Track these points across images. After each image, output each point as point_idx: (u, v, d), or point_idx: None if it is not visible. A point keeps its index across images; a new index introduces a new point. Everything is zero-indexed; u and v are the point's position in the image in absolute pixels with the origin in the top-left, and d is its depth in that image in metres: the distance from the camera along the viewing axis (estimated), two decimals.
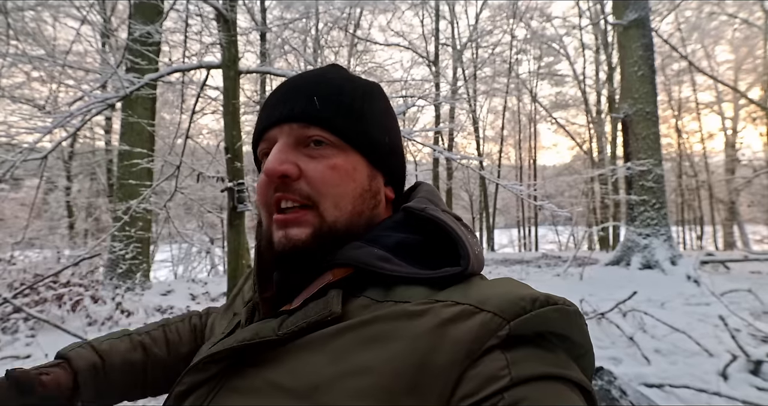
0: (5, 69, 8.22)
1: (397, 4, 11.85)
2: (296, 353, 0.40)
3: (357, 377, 0.36)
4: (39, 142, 3.64)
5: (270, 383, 0.39)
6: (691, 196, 19.23)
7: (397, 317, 0.39)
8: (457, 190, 19.31)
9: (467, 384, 0.34)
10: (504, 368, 0.34)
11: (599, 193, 14.96)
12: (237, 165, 3.45)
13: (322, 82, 0.52)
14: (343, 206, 0.48)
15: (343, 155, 0.49)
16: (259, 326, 0.44)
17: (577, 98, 17.42)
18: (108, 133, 10.79)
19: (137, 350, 0.67)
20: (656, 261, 7.30)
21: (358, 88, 0.54)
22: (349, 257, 0.46)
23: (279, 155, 0.47)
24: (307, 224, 0.47)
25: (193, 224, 12.12)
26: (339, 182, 0.48)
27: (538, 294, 0.39)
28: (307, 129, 0.49)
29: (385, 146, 0.54)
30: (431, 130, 6.94)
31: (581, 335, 0.41)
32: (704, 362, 3.04)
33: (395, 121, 0.58)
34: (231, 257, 3.46)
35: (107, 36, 8.41)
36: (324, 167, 0.48)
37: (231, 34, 3.46)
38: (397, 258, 0.45)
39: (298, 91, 0.51)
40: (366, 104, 0.53)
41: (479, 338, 0.36)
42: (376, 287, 0.44)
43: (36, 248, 7.33)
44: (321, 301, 0.43)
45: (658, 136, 8.07)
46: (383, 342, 0.37)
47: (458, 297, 0.40)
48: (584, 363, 0.41)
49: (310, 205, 0.47)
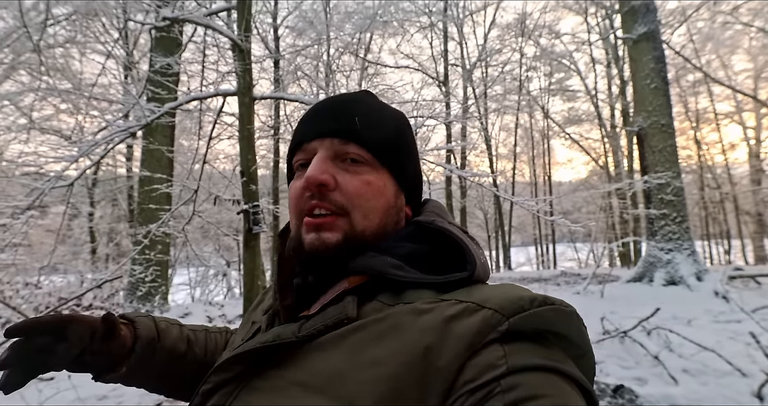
0: (37, 102, 8.66)
1: (406, 27, 12.12)
2: (314, 353, 0.43)
3: (369, 369, 0.39)
4: (66, 170, 3.79)
5: (290, 381, 0.42)
6: (716, 209, 18.66)
7: (406, 314, 0.43)
8: (471, 209, 19.15)
9: (468, 372, 0.37)
10: (501, 358, 0.37)
11: (618, 208, 14.67)
12: (252, 188, 3.52)
13: (361, 105, 0.57)
14: (372, 218, 0.52)
15: (376, 173, 0.54)
16: (279, 329, 0.47)
17: (590, 113, 17.28)
18: (129, 161, 11.13)
19: (183, 342, 0.70)
20: (681, 277, 7.07)
21: (392, 114, 0.59)
22: (364, 266, 0.49)
23: (320, 165, 0.51)
24: (339, 229, 0.51)
25: (210, 247, 12.26)
26: (371, 197, 0.52)
27: (537, 295, 0.42)
28: (346, 145, 0.53)
29: (410, 169, 0.59)
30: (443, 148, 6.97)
31: (579, 335, 0.43)
32: (737, 383, 2.90)
33: (415, 145, 0.64)
34: (247, 278, 3.49)
35: (130, 68, 8.78)
36: (359, 182, 0.52)
37: (246, 63, 3.59)
38: (409, 266, 0.49)
39: (339, 110, 0.55)
40: (399, 130, 0.58)
41: (480, 332, 0.39)
42: (388, 293, 0.48)
43: (60, 273, 7.52)
44: (338, 306, 0.46)
45: (675, 148, 7.94)
46: (393, 336, 0.41)
47: (462, 297, 0.43)
48: (583, 365, 0.42)
49: (342, 214, 0.51)
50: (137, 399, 3.29)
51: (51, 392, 2.98)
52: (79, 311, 4.59)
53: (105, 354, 0.60)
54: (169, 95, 6.30)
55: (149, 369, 0.65)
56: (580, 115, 18.11)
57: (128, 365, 0.62)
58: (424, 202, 0.63)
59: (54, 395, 2.95)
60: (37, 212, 4.35)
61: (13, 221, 4.02)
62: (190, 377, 0.68)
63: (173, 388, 0.71)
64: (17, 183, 7.61)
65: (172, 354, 0.67)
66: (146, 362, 0.64)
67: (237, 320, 5.94)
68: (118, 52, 8.95)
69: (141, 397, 3.33)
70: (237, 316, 6.23)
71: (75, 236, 11.24)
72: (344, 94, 0.59)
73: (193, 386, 0.66)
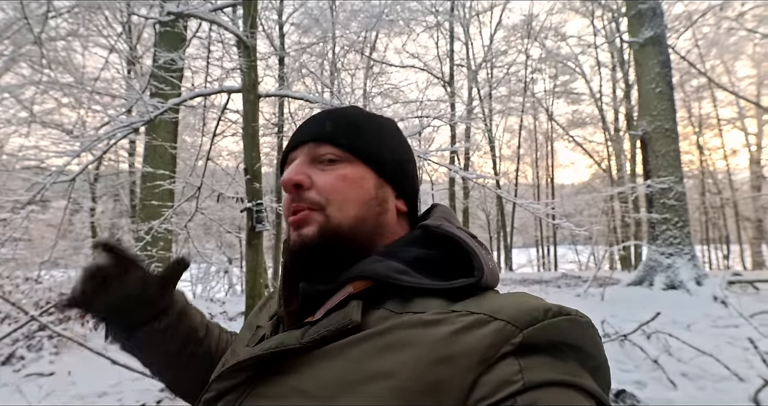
0: (38, 96, 8.64)
1: (412, 26, 12.10)
2: (318, 361, 0.42)
3: (376, 382, 0.38)
4: (67, 165, 3.79)
5: (294, 389, 0.41)
6: (716, 214, 18.67)
7: (414, 326, 0.41)
8: (474, 210, 19.16)
9: (482, 388, 0.36)
10: (517, 373, 0.36)
11: (619, 212, 14.65)
12: (256, 186, 3.52)
13: (337, 112, 0.59)
14: (348, 210, 0.52)
15: (352, 167, 0.54)
16: (283, 336, 0.46)
17: (594, 116, 17.26)
18: (132, 156, 11.12)
19: (203, 329, 0.71)
20: (680, 281, 7.07)
21: (367, 116, 0.60)
22: (368, 270, 0.48)
23: (294, 168, 0.54)
24: (314, 222, 0.52)
25: (212, 243, 12.27)
26: (346, 190, 0.53)
27: (551, 305, 0.40)
28: (318, 147, 0.55)
29: (391, 161, 0.58)
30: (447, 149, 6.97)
31: (594, 346, 0.41)
32: (735, 388, 2.91)
33: (405, 144, 0.63)
34: (249, 275, 3.49)
35: (133, 63, 8.77)
36: (332, 178, 0.53)
37: (251, 60, 3.58)
38: (415, 271, 0.48)
39: (315, 119, 0.59)
40: (371, 126, 0.59)
41: (493, 345, 0.37)
42: (395, 300, 0.46)
43: (61, 268, 7.53)
44: (342, 311, 0.45)
45: (678, 153, 7.93)
46: (401, 349, 0.39)
47: (473, 307, 0.42)
48: (599, 376, 0.41)
49: (317, 208, 0.52)
50: (137, 395, 3.30)
51: (51, 388, 2.98)
52: None
53: (148, 305, 0.62)
54: (173, 91, 6.29)
55: (169, 342, 0.65)
56: (584, 118, 18.11)
57: (161, 324, 0.63)
58: (433, 206, 0.62)
59: (53, 392, 2.96)
60: (38, 207, 4.36)
61: (14, 215, 4.03)
62: (195, 370, 0.68)
63: (176, 377, 0.70)
64: (18, 177, 7.61)
65: (191, 336, 0.68)
66: (170, 333, 0.64)
67: (238, 317, 5.94)
68: (122, 47, 8.93)
69: (140, 393, 3.34)
70: (238, 313, 6.23)
71: (76, 230, 11.24)
72: (330, 109, 0.62)
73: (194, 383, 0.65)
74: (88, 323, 4.50)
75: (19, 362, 3.83)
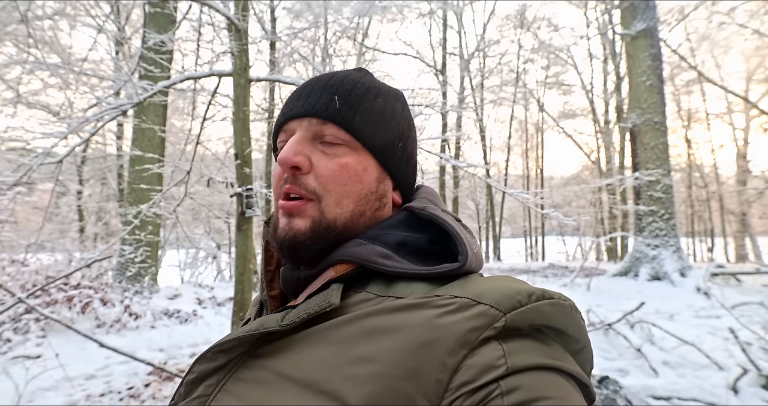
0: (23, 76, 8.42)
1: (405, 13, 11.96)
2: (300, 345, 0.41)
3: (359, 366, 0.37)
4: (54, 147, 3.72)
5: (276, 372, 0.40)
6: (702, 207, 18.98)
7: (396, 310, 0.40)
8: (463, 199, 19.27)
9: (465, 372, 0.35)
10: (501, 358, 0.35)
11: (607, 203, 14.85)
12: (246, 171, 3.49)
13: (346, 83, 0.53)
14: (345, 205, 0.50)
15: (355, 155, 0.51)
16: (264, 319, 0.45)
17: (584, 108, 17.38)
18: (119, 139, 10.94)
19: None
20: (665, 272, 7.22)
21: (381, 94, 0.54)
22: (350, 254, 0.47)
23: (294, 147, 0.49)
24: (307, 215, 0.49)
25: (200, 229, 12.19)
26: (346, 181, 0.50)
27: (534, 289, 0.40)
28: (324, 126, 0.50)
29: (398, 152, 0.54)
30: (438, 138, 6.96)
31: (577, 329, 0.41)
32: (714, 376, 3.00)
33: (413, 129, 0.59)
34: (239, 261, 3.48)
35: (122, 44, 8.58)
36: (334, 165, 0.50)
37: (242, 43, 3.52)
38: (399, 256, 0.47)
39: (322, 88, 0.52)
40: (387, 110, 0.54)
41: (476, 328, 0.37)
42: (379, 284, 0.46)
43: (48, 251, 7.43)
44: (321, 294, 0.44)
45: (667, 146, 8.03)
46: (383, 333, 0.39)
47: (456, 291, 0.41)
48: (582, 359, 0.42)
49: (313, 198, 0.49)
50: (125, 378, 3.30)
51: (38, 371, 2.97)
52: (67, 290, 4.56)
53: None
54: (163, 73, 6.18)
55: None
56: (574, 110, 18.22)
57: None
58: (417, 188, 0.60)
59: (41, 374, 2.94)
60: (24, 189, 4.28)
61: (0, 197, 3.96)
62: None
63: None
64: (3, 158, 7.45)
65: None
66: None
67: (227, 303, 5.94)
68: (110, 27, 8.71)
69: (128, 376, 3.34)
70: (227, 298, 6.23)
71: (63, 213, 11.09)
72: (335, 72, 0.56)
73: None
74: (75, 306, 4.47)
75: (5, 345, 3.80)
